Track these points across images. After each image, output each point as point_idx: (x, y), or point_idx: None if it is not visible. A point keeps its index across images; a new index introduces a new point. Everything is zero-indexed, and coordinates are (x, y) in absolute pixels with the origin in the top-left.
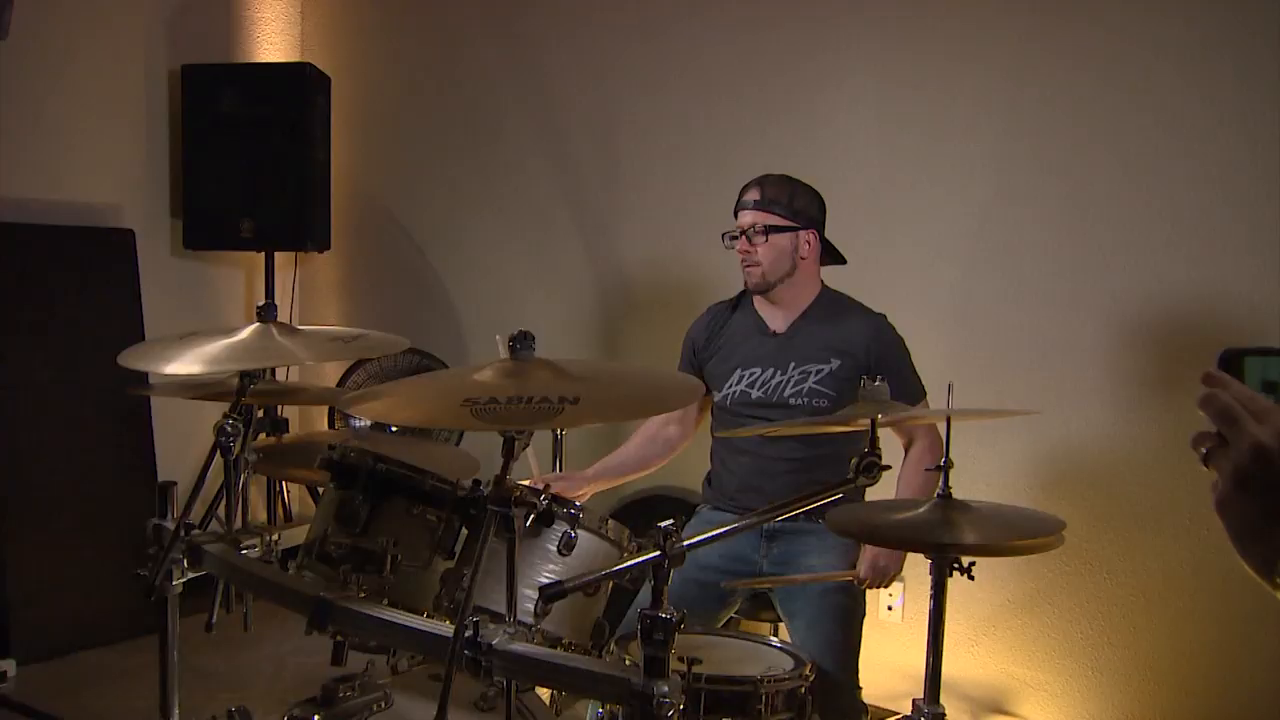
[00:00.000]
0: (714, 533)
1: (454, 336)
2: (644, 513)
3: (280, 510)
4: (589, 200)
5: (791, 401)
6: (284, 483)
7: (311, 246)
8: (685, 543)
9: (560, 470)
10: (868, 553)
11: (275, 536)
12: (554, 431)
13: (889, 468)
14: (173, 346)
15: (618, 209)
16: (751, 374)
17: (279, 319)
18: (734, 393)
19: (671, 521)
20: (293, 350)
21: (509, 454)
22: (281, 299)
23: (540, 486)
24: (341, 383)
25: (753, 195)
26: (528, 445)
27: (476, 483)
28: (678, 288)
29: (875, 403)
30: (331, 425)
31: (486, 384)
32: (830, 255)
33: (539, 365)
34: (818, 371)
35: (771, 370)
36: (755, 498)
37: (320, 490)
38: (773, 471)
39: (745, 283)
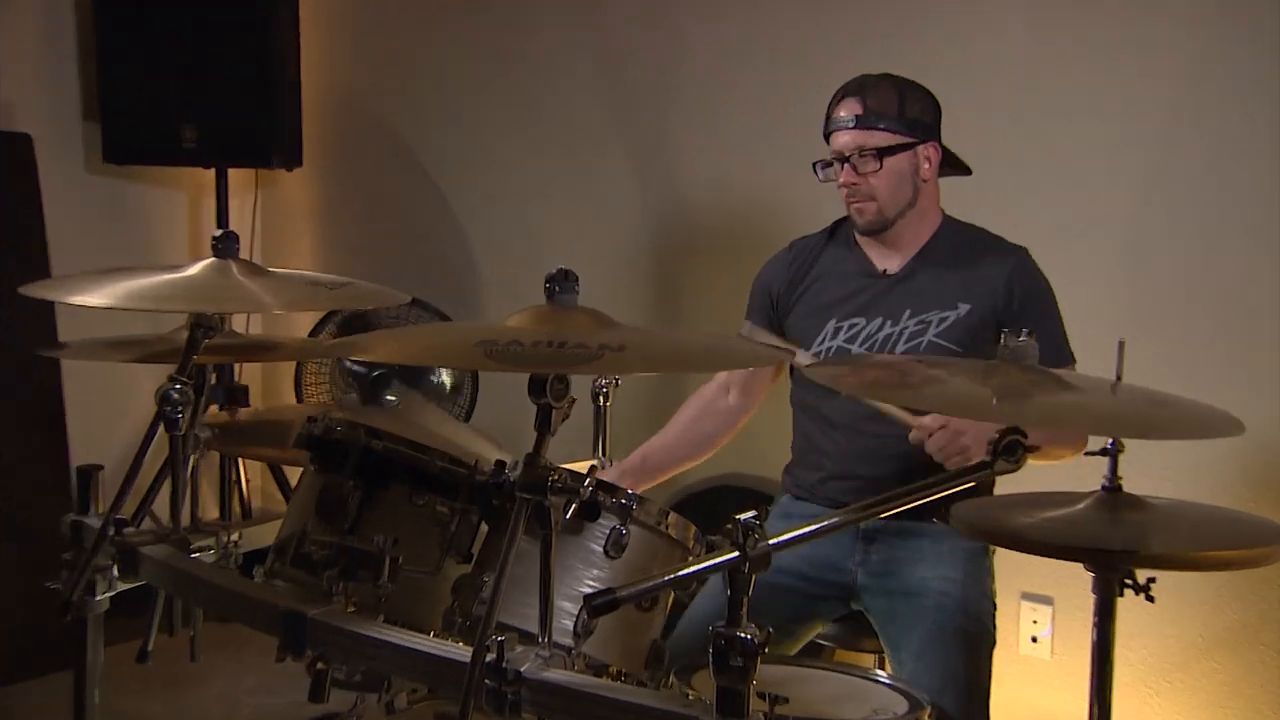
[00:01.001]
0: (805, 530)
1: (466, 286)
2: (709, 507)
3: (238, 502)
4: (642, 117)
5: None
6: (243, 466)
7: (277, 162)
8: (771, 541)
9: (605, 456)
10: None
11: (234, 536)
12: (596, 402)
13: (1037, 449)
14: (92, 282)
15: (678, 129)
16: (854, 325)
17: (239, 254)
18: (828, 349)
19: (754, 514)
20: (259, 295)
21: (544, 427)
22: (240, 229)
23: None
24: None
25: (851, 109)
26: (568, 416)
27: (500, 465)
28: (753, 228)
29: (1020, 367)
30: (299, 398)
31: (513, 329)
32: (950, 165)
33: (581, 313)
34: (941, 320)
35: (880, 320)
36: (851, 488)
37: (296, 476)
38: (876, 452)
39: (854, 223)
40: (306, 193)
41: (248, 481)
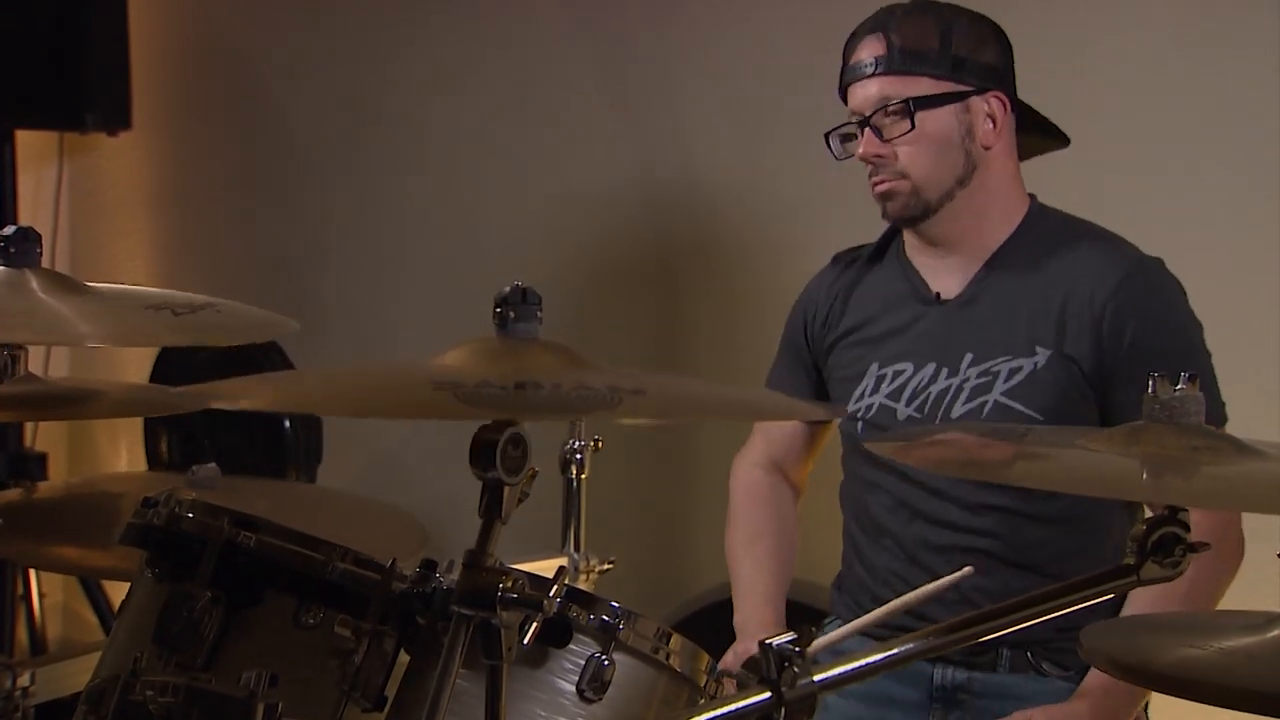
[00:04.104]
0: (865, 662)
1: (367, 308)
2: (729, 626)
3: (28, 629)
4: (626, 67)
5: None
6: (35, 576)
7: (94, 123)
8: (816, 678)
9: (580, 552)
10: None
11: (23, 678)
12: (567, 474)
13: (1205, 547)
14: None
15: (676, 81)
16: (900, 373)
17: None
18: (867, 406)
19: (793, 636)
20: (72, 322)
21: (493, 512)
22: (38, 222)
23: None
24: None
25: (872, 49)
26: (526, 495)
27: (429, 565)
28: (799, 233)
29: (1179, 427)
30: (153, 460)
31: (459, 369)
32: (1031, 131)
33: (543, 349)
34: (1012, 372)
35: (932, 367)
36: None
37: (119, 591)
38: (943, 558)
39: (884, 212)
40: (138, 168)
41: (43, 598)
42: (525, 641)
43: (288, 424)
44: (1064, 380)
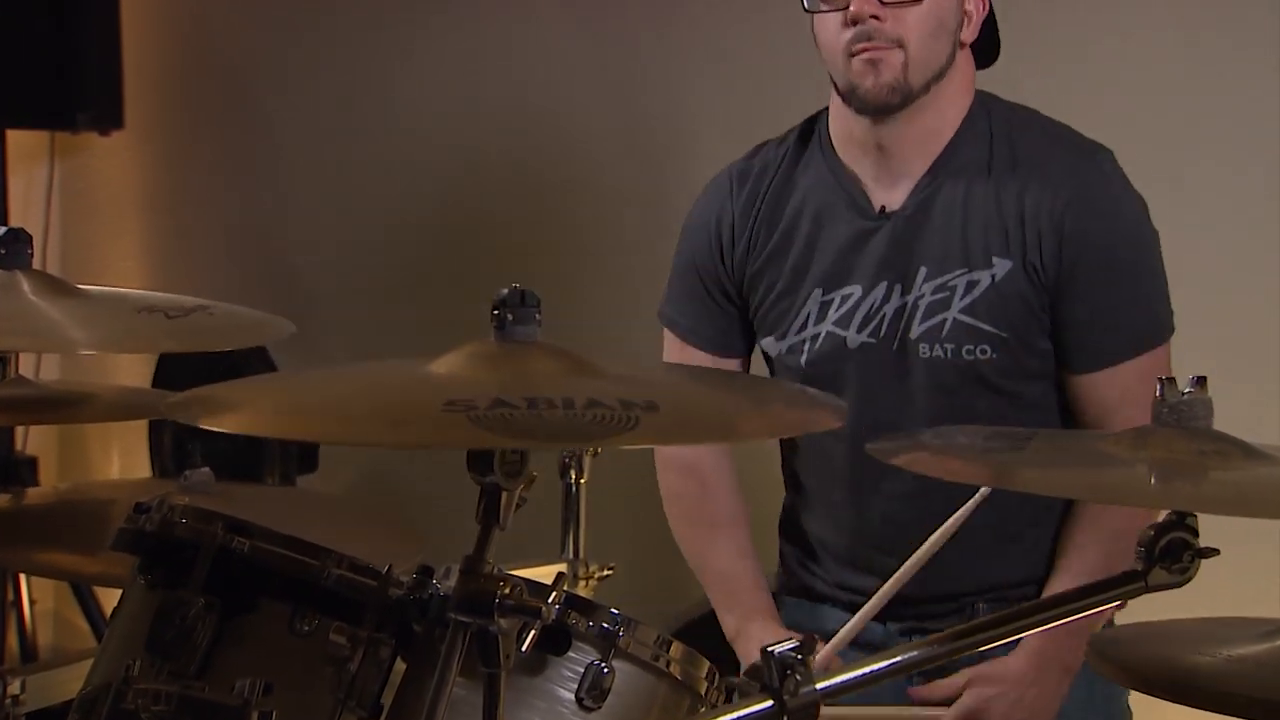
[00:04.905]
0: (870, 669)
1: (362, 311)
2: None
3: (18, 637)
4: (626, 67)
5: (923, 351)
6: (26, 582)
7: (85, 123)
8: (819, 686)
9: (579, 558)
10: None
11: (13, 686)
12: (566, 478)
13: (1213, 552)
14: None
15: (676, 81)
16: (849, 297)
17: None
18: (813, 339)
19: (795, 643)
20: (62, 327)
21: (490, 518)
22: (29, 223)
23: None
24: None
25: None
26: (524, 501)
27: (425, 571)
28: None
29: (1187, 431)
30: (156, 465)
31: (457, 379)
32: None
33: (542, 352)
34: (970, 286)
35: (884, 287)
36: (873, 578)
37: (111, 598)
38: (925, 520)
39: (855, 90)
40: (130, 168)
41: (33, 604)
42: (523, 649)
43: None
44: (1026, 291)
